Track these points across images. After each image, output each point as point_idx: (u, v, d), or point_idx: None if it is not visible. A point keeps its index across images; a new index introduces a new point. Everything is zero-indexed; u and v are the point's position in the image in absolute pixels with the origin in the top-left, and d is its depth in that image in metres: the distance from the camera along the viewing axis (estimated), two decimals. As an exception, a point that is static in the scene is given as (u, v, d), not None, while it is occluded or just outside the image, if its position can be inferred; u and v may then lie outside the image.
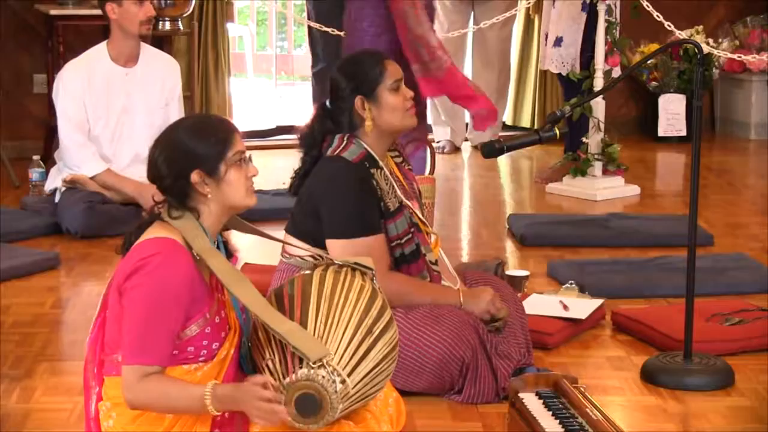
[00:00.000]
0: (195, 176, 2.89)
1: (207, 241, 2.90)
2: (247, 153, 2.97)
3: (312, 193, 3.79)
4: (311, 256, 3.61)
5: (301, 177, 3.85)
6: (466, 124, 8.21)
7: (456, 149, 8.07)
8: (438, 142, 8.00)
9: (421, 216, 3.92)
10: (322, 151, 3.81)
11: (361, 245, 3.67)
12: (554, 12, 6.94)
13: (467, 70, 8.15)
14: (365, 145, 3.78)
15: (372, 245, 3.69)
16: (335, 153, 3.77)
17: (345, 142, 3.78)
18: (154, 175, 2.93)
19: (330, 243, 3.72)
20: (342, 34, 7.01)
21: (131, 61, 6.05)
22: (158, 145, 2.94)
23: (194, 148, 2.89)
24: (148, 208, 2.99)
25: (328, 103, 3.85)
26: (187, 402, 2.81)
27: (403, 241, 3.81)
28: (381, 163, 3.81)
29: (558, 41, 6.89)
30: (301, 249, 3.72)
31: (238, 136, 2.96)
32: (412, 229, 3.83)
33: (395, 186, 3.84)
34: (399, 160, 4.00)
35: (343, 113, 3.80)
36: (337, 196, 3.73)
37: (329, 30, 6.93)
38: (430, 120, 8.18)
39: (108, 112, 6.01)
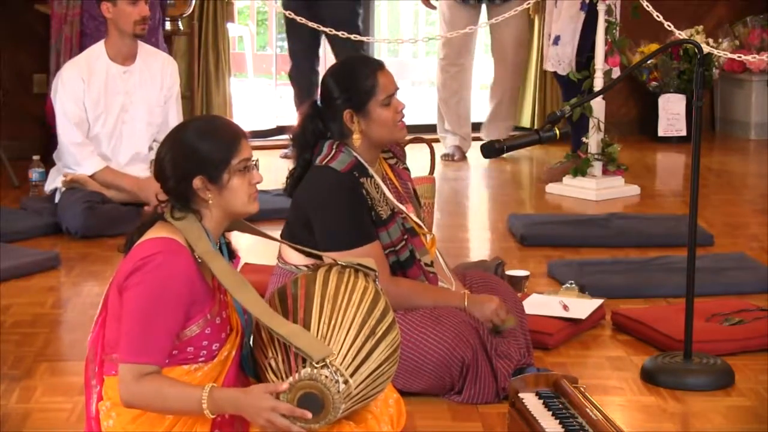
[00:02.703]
0: (197, 182, 2.88)
1: (209, 243, 2.89)
2: (254, 158, 2.96)
3: (303, 204, 3.77)
4: (306, 266, 3.58)
5: (294, 179, 3.82)
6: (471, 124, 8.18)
7: (464, 156, 7.96)
8: (446, 150, 7.88)
9: (415, 219, 3.89)
10: (313, 155, 3.78)
11: (359, 255, 3.64)
12: (555, 11, 6.95)
13: (474, 72, 8.12)
14: (355, 154, 3.75)
15: (370, 253, 3.65)
16: (324, 162, 3.73)
17: (334, 150, 3.74)
18: (159, 174, 2.93)
19: (327, 257, 3.69)
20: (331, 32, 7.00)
21: (129, 59, 6.05)
22: (165, 144, 2.93)
23: (199, 152, 2.88)
24: (151, 207, 2.98)
25: (319, 102, 3.82)
26: (183, 403, 2.80)
27: (397, 248, 3.79)
28: (371, 171, 3.78)
29: (556, 40, 6.89)
30: (297, 257, 3.70)
31: (245, 141, 2.94)
32: (406, 236, 3.81)
33: (387, 193, 3.81)
34: (393, 161, 3.99)
35: (334, 120, 3.76)
36: (328, 208, 3.70)
37: (302, 20, 6.86)
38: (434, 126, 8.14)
39: (107, 111, 6.01)
